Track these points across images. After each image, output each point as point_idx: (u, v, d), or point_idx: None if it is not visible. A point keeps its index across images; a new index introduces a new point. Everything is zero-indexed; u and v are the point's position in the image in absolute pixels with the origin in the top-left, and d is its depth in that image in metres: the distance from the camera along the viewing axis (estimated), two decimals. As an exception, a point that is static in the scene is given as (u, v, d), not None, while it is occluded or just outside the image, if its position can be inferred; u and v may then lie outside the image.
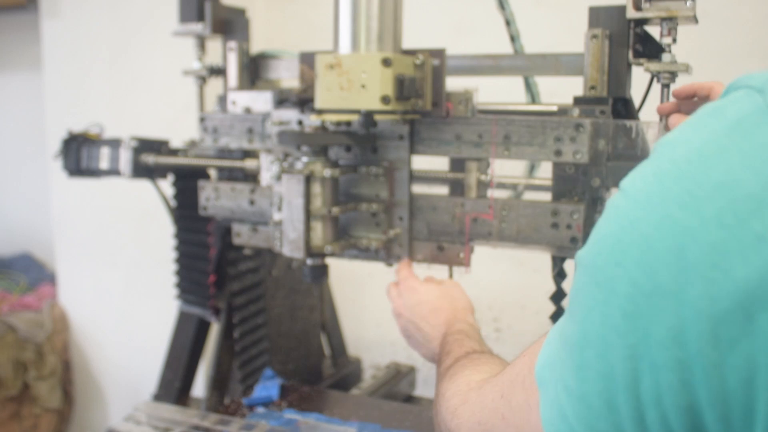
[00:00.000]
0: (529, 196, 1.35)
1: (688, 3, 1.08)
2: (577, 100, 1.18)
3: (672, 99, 1.10)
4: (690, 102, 1.09)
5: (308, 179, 1.22)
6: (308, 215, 1.23)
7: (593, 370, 0.52)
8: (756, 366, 0.44)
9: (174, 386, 1.64)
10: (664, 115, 1.11)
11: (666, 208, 0.48)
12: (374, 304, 2.39)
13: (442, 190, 1.34)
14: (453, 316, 1.13)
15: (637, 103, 1.21)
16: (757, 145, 0.47)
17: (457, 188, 1.31)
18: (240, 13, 1.52)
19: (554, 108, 1.22)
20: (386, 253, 1.31)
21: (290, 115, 1.35)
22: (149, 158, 1.56)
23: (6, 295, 2.68)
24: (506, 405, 0.69)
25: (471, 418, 0.77)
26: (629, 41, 1.15)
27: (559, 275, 1.23)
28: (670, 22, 1.10)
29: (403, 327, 1.20)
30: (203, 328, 1.67)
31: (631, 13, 1.11)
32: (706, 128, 0.50)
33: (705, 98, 1.05)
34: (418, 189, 1.30)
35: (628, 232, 0.50)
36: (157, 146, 1.59)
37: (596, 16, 1.17)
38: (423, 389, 1.95)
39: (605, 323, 0.50)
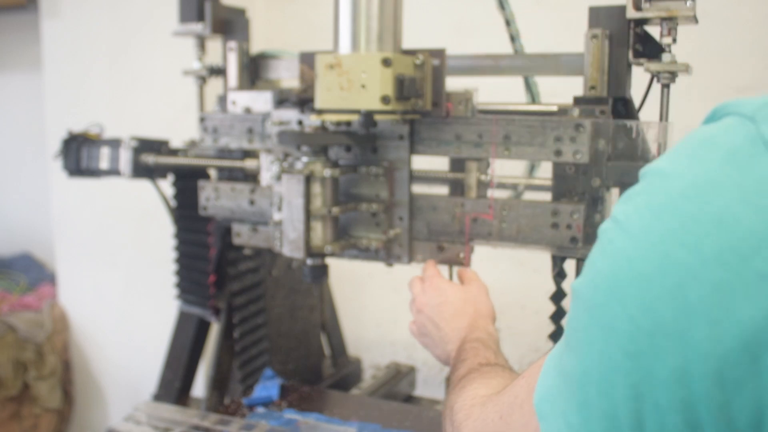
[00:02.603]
0: (529, 196, 1.35)
1: (688, 3, 1.08)
2: (577, 100, 1.18)
3: None
4: None
5: (308, 179, 1.22)
6: (308, 215, 1.23)
7: (596, 409, 0.51)
8: (763, 407, 0.43)
9: (174, 386, 1.64)
10: None
11: (664, 246, 0.47)
12: (374, 304, 2.38)
13: (442, 190, 1.34)
14: (473, 322, 1.12)
15: (637, 103, 1.21)
16: (754, 178, 0.45)
17: (457, 188, 1.31)
18: (240, 13, 1.52)
19: (554, 108, 1.22)
20: (386, 253, 1.31)
21: (290, 115, 1.35)
22: (149, 158, 1.56)
23: (6, 295, 2.68)
24: (505, 427, 0.69)
25: None
26: (629, 41, 1.15)
27: (559, 275, 1.23)
28: (670, 22, 1.10)
29: (421, 324, 1.19)
30: (203, 328, 1.67)
31: (631, 13, 1.11)
32: (699, 160, 0.49)
33: None
34: (418, 189, 1.30)
35: (626, 269, 0.49)
36: (157, 146, 1.59)
37: (596, 16, 1.17)
38: (423, 389, 1.95)
39: (606, 362, 0.50)
